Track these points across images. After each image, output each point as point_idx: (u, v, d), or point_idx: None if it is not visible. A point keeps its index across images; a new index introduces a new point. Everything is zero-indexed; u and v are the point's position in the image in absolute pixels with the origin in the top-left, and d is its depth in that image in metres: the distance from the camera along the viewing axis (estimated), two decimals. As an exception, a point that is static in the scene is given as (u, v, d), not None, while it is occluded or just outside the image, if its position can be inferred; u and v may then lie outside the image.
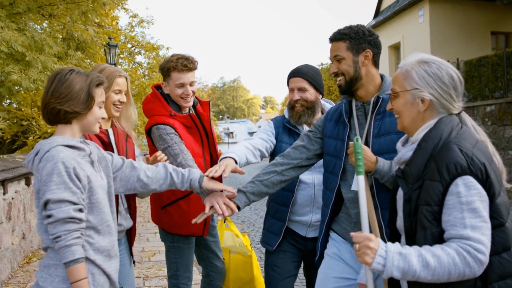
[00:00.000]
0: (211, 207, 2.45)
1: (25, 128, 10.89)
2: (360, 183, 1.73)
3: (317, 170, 2.96)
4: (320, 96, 3.07)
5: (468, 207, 1.63)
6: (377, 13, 20.17)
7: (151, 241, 7.54)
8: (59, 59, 7.40)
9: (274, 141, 3.08)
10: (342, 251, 2.52)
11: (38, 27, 8.62)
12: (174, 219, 3.07)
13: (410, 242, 1.78)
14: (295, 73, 3.04)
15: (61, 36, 8.71)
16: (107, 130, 2.71)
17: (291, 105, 3.02)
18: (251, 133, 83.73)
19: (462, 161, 1.67)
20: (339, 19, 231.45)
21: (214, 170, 2.45)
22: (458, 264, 1.59)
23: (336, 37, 2.50)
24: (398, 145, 2.01)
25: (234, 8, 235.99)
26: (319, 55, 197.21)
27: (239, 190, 2.62)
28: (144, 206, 11.63)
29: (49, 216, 1.87)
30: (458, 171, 1.66)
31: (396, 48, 18.79)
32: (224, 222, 3.50)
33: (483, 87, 14.54)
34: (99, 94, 2.09)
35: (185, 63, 3.02)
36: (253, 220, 9.73)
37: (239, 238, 3.52)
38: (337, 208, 2.58)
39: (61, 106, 1.98)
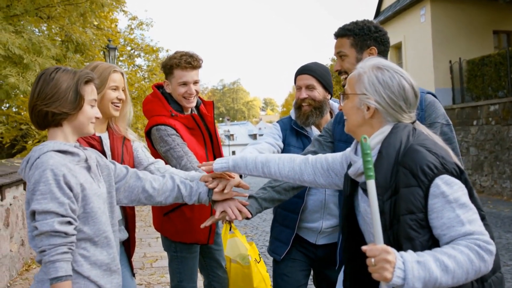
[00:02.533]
0: (222, 211, 2.33)
1: (24, 132, 10.76)
2: (370, 188, 1.56)
3: None
4: (329, 96, 2.92)
5: (457, 204, 1.59)
6: (378, 13, 20.08)
7: (152, 247, 7.40)
8: (57, 61, 7.29)
9: (282, 145, 2.93)
10: None
11: (36, 29, 8.50)
12: (177, 226, 2.92)
13: None
14: (303, 70, 2.89)
15: (60, 39, 8.59)
16: (100, 137, 2.52)
17: (298, 104, 2.87)
18: (251, 135, 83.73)
19: (434, 161, 1.62)
20: (339, 20, 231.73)
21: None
22: (474, 261, 1.52)
23: (340, 33, 2.39)
24: (351, 154, 1.90)
25: (233, 10, 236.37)
26: (319, 57, 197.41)
27: (250, 196, 2.50)
28: (145, 210, 11.49)
29: (35, 228, 1.73)
30: (434, 171, 1.60)
31: (397, 48, 18.68)
32: (230, 230, 3.34)
33: (486, 87, 14.44)
34: (89, 92, 1.93)
35: (189, 60, 2.87)
36: (256, 224, 9.59)
37: (244, 246, 3.35)
38: None
39: (48, 107, 1.83)
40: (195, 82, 2.92)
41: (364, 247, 1.56)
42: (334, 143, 2.52)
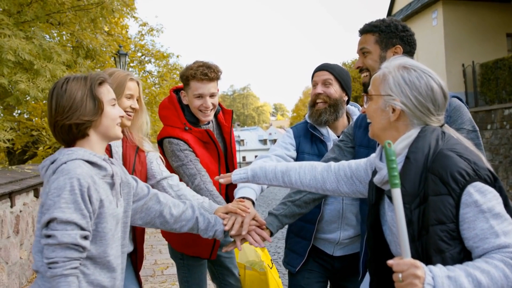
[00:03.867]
0: (242, 239, 2.27)
1: (35, 139, 10.79)
2: (396, 198, 1.45)
3: None
4: (346, 97, 2.77)
5: (491, 214, 1.47)
6: (389, 16, 19.93)
7: (163, 253, 7.33)
8: (68, 67, 7.28)
9: (294, 155, 2.77)
10: None
11: (47, 35, 8.51)
12: (181, 237, 2.81)
13: None
14: (321, 66, 2.78)
15: (71, 46, 8.60)
16: (109, 144, 2.44)
17: (313, 102, 2.73)
18: (261, 141, 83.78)
19: (466, 167, 1.51)
20: (348, 25, 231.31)
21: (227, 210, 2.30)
22: (509, 276, 1.40)
23: (366, 29, 2.30)
24: (376, 161, 1.79)
25: (243, 16, 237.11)
26: (330, 62, 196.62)
27: (270, 214, 2.42)
28: (156, 216, 11.42)
29: (49, 236, 1.62)
30: (466, 179, 1.49)
31: (409, 52, 18.52)
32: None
33: (500, 90, 14.24)
34: (106, 93, 1.86)
35: (205, 72, 2.71)
36: (267, 230, 9.47)
37: (256, 253, 3.28)
38: None
39: (69, 120, 1.76)
40: (212, 95, 2.76)
41: (390, 261, 1.46)
42: (355, 148, 2.41)
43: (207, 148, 2.84)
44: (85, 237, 1.65)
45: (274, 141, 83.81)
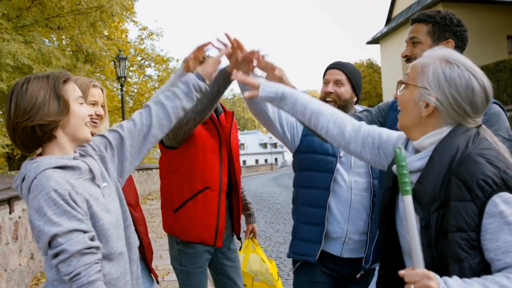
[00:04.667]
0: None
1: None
2: (407, 206, 1.37)
3: (355, 172, 2.58)
4: (355, 98, 2.72)
5: None
6: (389, 19, 19.95)
7: (164, 259, 7.25)
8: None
9: (299, 134, 2.67)
10: None
11: (46, 40, 8.49)
12: (183, 224, 2.77)
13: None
14: (334, 65, 2.71)
15: (71, 50, 8.57)
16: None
17: (322, 99, 2.65)
18: (262, 144, 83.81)
19: (494, 175, 1.39)
20: (349, 28, 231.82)
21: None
22: None
23: (419, 18, 2.22)
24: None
25: (243, 20, 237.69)
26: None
27: None
28: (156, 221, 11.36)
29: (58, 254, 1.52)
30: (493, 187, 1.38)
31: (409, 54, 18.51)
32: (252, 247, 3.19)
33: (501, 92, 14.22)
34: (72, 91, 1.72)
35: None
36: (268, 234, 9.39)
37: (265, 263, 3.19)
38: None
39: (32, 122, 1.62)
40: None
41: (401, 272, 1.37)
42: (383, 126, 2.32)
43: (207, 129, 2.82)
44: (92, 238, 1.58)
45: (274, 144, 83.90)
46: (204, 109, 2.53)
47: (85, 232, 1.55)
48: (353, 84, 2.66)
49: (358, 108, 2.78)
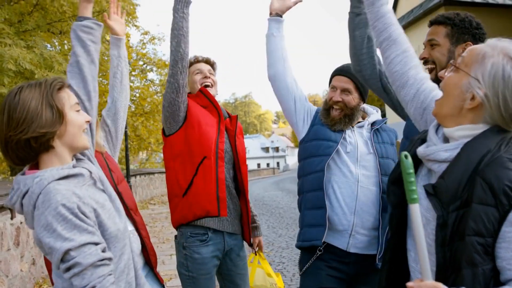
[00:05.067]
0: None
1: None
2: (414, 214, 1.31)
3: (361, 165, 2.54)
4: (362, 102, 2.70)
5: None
6: (391, 23, 19.91)
7: (167, 264, 7.22)
8: (69, 76, 7.25)
9: (309, 122, 2.70)
10: None
11: (48, 44, 8.48)
12: (191, 202, 2.73)
13: (444, 279, 1.36)
14: (341, 71, 2.67)
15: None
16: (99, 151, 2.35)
17: (328, 106, 2.63)
18: (264, 149, 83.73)
19: None
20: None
21: None
22: None
23: (438, 20, 2.20)
24: (431, 131, 1.56)
25: (244, 24, 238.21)
26: (331, 70, 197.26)
27: None
28: (158, 226, 11.33)
29: (71, 268, 1.47)
30: None
31: (411, 58, 18.47)
32: (258, 262, 3.13)
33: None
34: (67, 98, 1.64)
35: (198, 57, 3.01)
36: (271, 239, 9.34)
37: (271, 277, 3.13)
38: None
39: (25, 134, 1.55)
40: (210, 73, 2.98)
41: (410, 284, 1.31)
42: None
43: (208, 111, 2.85)
44: (104, 250, 1.54)
45: (276, 148, 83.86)
46: (176, 45, 2.65)
47: (96, 244, 1.52)
48: (361, 91, 2.64)
49: (370, 109, 2.78)
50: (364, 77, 2.42)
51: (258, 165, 78.66)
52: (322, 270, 2.55)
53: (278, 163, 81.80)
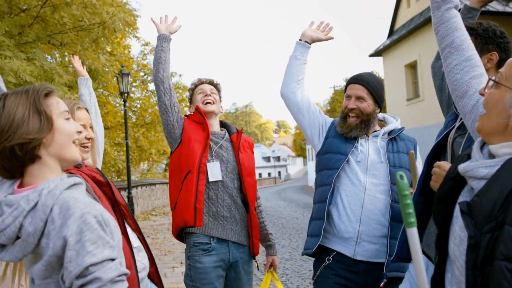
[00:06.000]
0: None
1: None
2: (411, 239, 1.25)
3: (371, 174, 2.57)
4: (378, 109, 2.72)
5: None
6: (392, 31, 19.93)
7: (169, 277, 7.14)
8: (69, 88, 7.22)
9: (324, 134, 2.76)
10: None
11: (49, 56, 8.46)
12: (174, 214, 2.88)
13: None
14: (355, 80, 2.71)
15: (74, 67, 8.55)
16: (97, 168, 2.26)
17: (345, 114, 2.68)
18: (265, 158, 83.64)
19: None
20: (349, 41, 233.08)
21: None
22: None
23: None
24: (475, 146, 1.48)
25: (245, 34, 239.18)
26: (333, 79, 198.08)
27: None
28: (160, 238, 11.24)
29: (87, 284, 1.34)
30: None
31: (412, 67, 18.45)
32: (272, 282, 3.07)
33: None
34: (55, 104, 1.54)
35: (202, 79, 3.19)
36: (274, 250, 9.26)
37: None
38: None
39: (10, 142, 1.44)
40: (211, 92, 3.12)
41: None
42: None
43: (202, 128, 2.97)
44: (121, 264, 1.43)
45: (277, 158, 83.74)
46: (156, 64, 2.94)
47: (115, 259, 1.41)
48: (375, 98, 2.67)
49: (389, 118, 2.83)
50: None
51: (260, 174, 78.53)
52: (328, 278, 2.56)
53: (279, 173, 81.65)
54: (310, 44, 2.84)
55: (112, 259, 1.39)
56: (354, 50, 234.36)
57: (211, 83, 3.20)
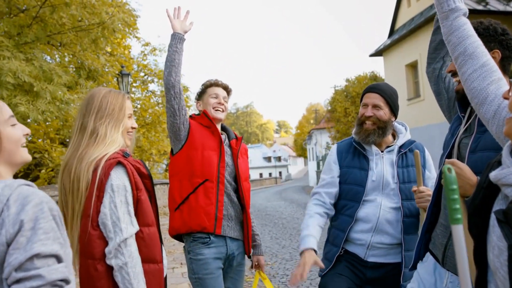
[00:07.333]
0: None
1: (37, 161, 10.67)
2: (456, 236, 1.20)
3: (385, 194, 2.69)
4: (394, 118, 2.82)
5: None
6: (392, 31, 19.90)
7: (168, 277, 7.07)
8: (69, 88, 7.19)
9: (337, 179, 2.83)
10: None
11: (48, 57, 8.44)
12: (186, 216, 2.89)
13: None
14: (372, 88, 2.82)
15: (73, 67, 8.52)
16: (141, 160, 2.27)
17: (361, 121, 2.79)
18: (266, 158, 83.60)
19: None
20: (351, 41, 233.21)
21: (298, 275, 2.36)
22: None
23: None
24: (505, 152, 1.44)
25: (245, 34, 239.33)
26: (334, 79, 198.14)
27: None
28: (160, 238, 11.20)
29: (26, 279, 1.26)
30: None
31: (413, 66, 18.42)
32: (260, 280, 3.15)
33: (507, 103, 14.09)
34: None
35: (218, 81, 3.18)
36: (275, 251, 9.22)
37: None
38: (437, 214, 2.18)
39: None
40: (224, 99, 3.14)
41: None
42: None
43: (211, 132, 3.01)
44: (67, 268, 1.36)
45: (278, 158, 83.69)
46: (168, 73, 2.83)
47: (60, 260, 1.34)
48: (391, 106, 2.77)
49: (398, 126, 2.91)
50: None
51: (261, 174, 78.48)
52: (341, 262, 2.72)
53: (280, 173, 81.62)
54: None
55: (59, 259, 1.33)
56: (355, 50, 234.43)
57: (226, 88, 3.20)
